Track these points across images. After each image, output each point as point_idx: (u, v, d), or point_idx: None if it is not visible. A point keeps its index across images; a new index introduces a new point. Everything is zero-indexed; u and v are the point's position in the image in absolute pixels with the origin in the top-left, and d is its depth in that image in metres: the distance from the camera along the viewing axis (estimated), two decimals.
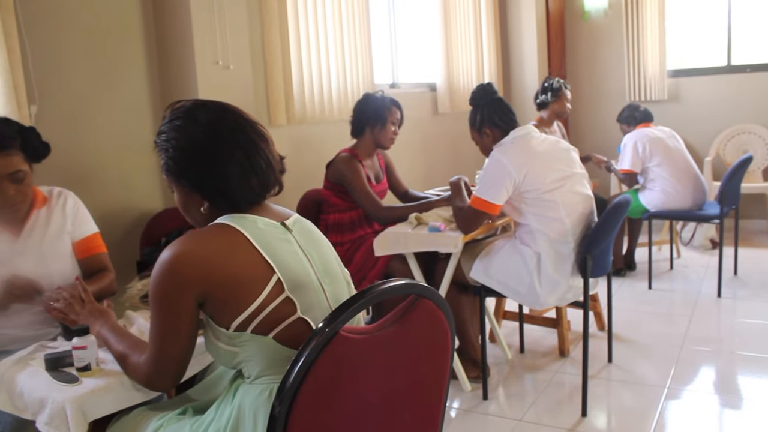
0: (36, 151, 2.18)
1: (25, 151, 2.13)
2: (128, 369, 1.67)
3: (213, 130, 1.55)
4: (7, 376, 1.79)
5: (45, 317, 2.18)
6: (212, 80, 3.54)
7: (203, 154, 1.53)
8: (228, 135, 1.56)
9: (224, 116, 1.59)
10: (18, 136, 2.12)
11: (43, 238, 2.23)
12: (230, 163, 1.53)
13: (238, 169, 1.54)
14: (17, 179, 2.11)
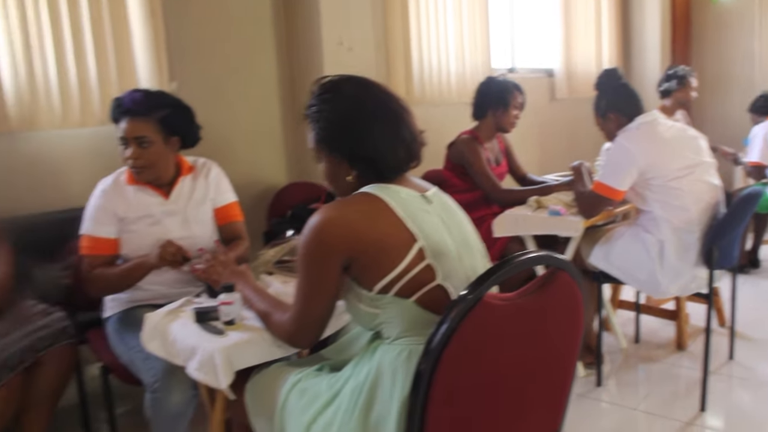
0: (174, 127, 2.36)
1: (163, 123, 2.32)
2: (270, 326, 1.79)
3: (361, 101, 1.63)
4: (161, 326, 1.95)
5: (187, 277, 2.35)
6: (336, 61, 3.65)
7: (354, 125, 1.61)
8: (375, 107, 1.63)
9: (371, 89, 1.67)
10: (159, 109, 2.31)
11: (188, 203, 2.41)
12: (379, 134, 1.61)
13: (385, 139, 1.61)
14: (142, 144, 2.31)
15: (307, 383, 1.69)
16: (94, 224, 2.33)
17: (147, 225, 2.35)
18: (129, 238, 2.35)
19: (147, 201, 2.37)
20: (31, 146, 3.07)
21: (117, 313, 2.37)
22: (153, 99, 2.34)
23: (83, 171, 3.19)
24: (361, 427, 1.52)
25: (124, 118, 2.30)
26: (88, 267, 2.31)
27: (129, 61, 3.21)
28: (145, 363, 2.12)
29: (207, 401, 2.07)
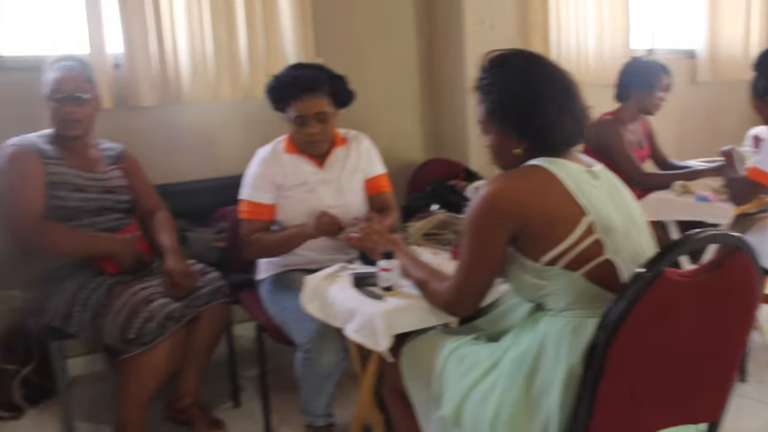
0: (341, 97, 2.44)
1: (333, 95, 2.39)
2: (428, 294, 1.83)
3: (534, 75, 1.63)
4: (320, 289, 2.04)
5: (338, 245, 2.44)
6: (477, 39, 3.64)
7: (526, 98, 1.62)
8: (548, 80, 1.63)
9: (542, 63, 1.67)
10: (328, 82, 2.38)
11: (342, 172, 2.50)
12: (551, 107, 1.61)
13: (558, 112, 1.61)
14: (322, 119, 2.38)
15: (466, 350, 1.72)
16: (253, 190, 2.46)
17: (303, 192, 2.45)
18: (285, 204, 2.46)
19: (303, 169, 2.47)
20: (188, 118, 3.27)
21: (271, 275, 2.49)
22: (323, 73, 2.42)
23: (233, 142, 3.37)
24: (524, 396, 1.54)
25: (303, 96, 2.35)
26: (247, 231, 2.44)
27: (277, 37, 3.34)
28: (298, 324, 2.23)
29: (357, 364, 2.16)
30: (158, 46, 3.07)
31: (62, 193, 2.44)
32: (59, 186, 2.44)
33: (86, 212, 2.47)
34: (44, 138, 2.51)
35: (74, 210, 2.45)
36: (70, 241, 2.41)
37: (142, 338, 2.29)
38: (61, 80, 2.43)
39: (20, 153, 2.42)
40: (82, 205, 2.46)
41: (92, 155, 2.59)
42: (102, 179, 2.56)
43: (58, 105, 2.43)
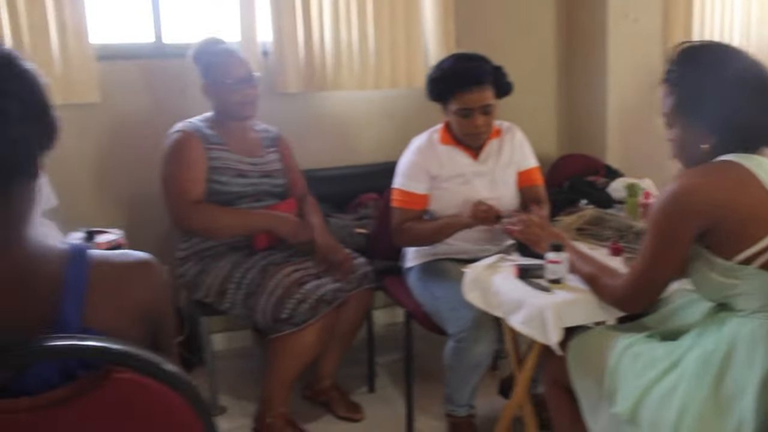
0: (503, 88, 2.42)
1: (496, 87, 2.38)
2: (598, 288, 1.80)
3: (728, 68, 1.58)
4: (482, 278, 2.04)
5: (488, 236, 2.43)
6: (620, 33, 3.54)
7: (719, 91, 1.56)
8: (742, 74, 1.57)
9: (736, 56, 1.61)
10: (492, 73, 2.37)
11: (496, 165, 2.49)
12: (746, 101, 1.55)
13: (753, 107, 1.55)
14: (487, 111, 2.37)
15: (641, 348, 1.68)
16: (407, 180, 2.46)
17: (457, 184, 2.44)
18: (439, 195, 2.46)
19: (459, 161, 2.46)
20: (331, 106, 3.33)
21: (420, 264, 2.51)
22: (487, 65, 2.39)
23: (372, 131, 3.41)
24: (713, 396, 1.49)
25: (470, 88, 2.32)
26: (399, 220, 2.46)
27: (418, 28, 3.35)
28: (452, 313, 2.23)
29: (513, 356, 2.15)
30: (305, 35, 3.14)
31: (224, 178, 2.52)
32: (222, 171, 2.52)
33: (245, 197, 2.56)
34: (207, 122, 2.60)
35: (235, 195, 2.53)
36: (228, 221, 2.50)
37: (294, 319, 2.36)
38: (231, 64, 2.53)
39: (186, 139, 2.51)
40: (242, 190, 2.55)
41: (251, 138, 2.68)
42: (261, 163, 2.64)
43: (232, 89, 2.51)
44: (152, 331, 1.04)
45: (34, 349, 0.87)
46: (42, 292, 0.95)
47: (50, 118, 1.00)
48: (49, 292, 0.95)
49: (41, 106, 0.98)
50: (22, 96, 0.95)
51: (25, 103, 0.95)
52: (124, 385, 0.90)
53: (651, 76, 3.62)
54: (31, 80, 0.97)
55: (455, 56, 2.44)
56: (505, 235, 2.47)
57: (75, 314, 0.95)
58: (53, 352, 0.88)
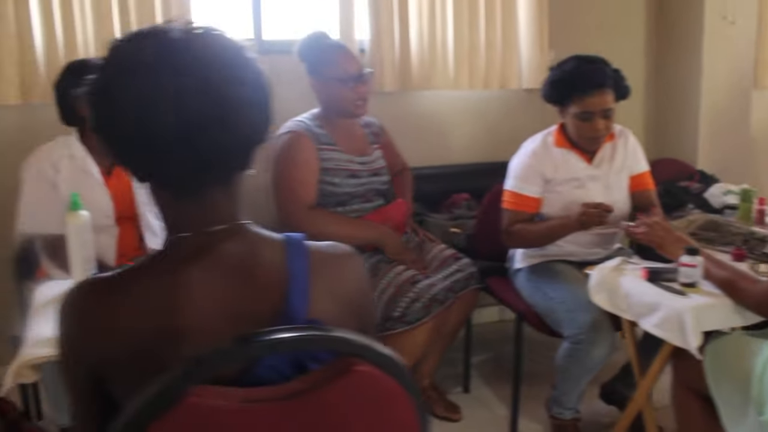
0: (622, 91, 2.39)
1: (615, 90, 2.35)
2: (736, 293, 1.77)
3: None
4: (609, 280, 2.02)
5: (599, 239, 2.41)
6: (716, 35, 3.48)
7: None
8: None
9: None
10: (612, 77, 2.34)
11: (610, 169, 2.46)
12: None
13: None
14: (607, 115, 2.33)
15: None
16: (521, 182, 2.44)
17: (572, 188, 2.41)
18: (552, 199, 2.43)
19: (573, 164, 2.43)
20: (425, 105, 3.34)
21: (530, 265, 2.49)
22: (608, 68, 2.37)
23: (464, 131, 3.41)
24: None
25: (593, 91, 2.29)
26: (510, 222, 2.44)
27: (513, 29, 3.34)
28: (567, 315, 2.22)
29: (634, 361, 2.13)
30: (401, 34, 3.15)
31: (337, 179, 2.51)
32: (334, 172, 2.50)
33: (356, 197, 2.55)
34: (316, 121, 2.55)
35: (346, 195, 2.53)
36: (337, 229, 2.46)
37: (407, 317, 2.36)
38: (344, 61, 2.49)
39: (297, 139, 2.47)
40: (354, 190, 2.54)
41: (359, 135, 2.66)
42: (369, 162, 2.63)
43: (345, 86, 2.47)
44: (359, 324, 1.05)
45: (281, 339, 0.86)
46: (269, 282, 0.96)
47: (271, 108, 1.01)
48: (277, 282, 0.96)
49: (267, 96, 0.99)
50: (254, 85, 0.96)
51: (256, 92, 0.96)
52: (363, 378, 0.90)
53: (745, 79, 3.60)
54: (259, 71, 0.98)
55: (576, 58, 2.41)
56: (614, 238, 2.45)
57: (302, 305, 0.95)
58: (300, 342, 0.88)
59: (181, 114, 0.89)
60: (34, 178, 2.26)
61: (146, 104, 0.90)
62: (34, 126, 2.78)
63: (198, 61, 0.92)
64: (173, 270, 0.94)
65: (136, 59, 0.93)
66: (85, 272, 1.88)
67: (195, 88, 0.90)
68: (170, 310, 0.91)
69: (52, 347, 1.58)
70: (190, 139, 0.90)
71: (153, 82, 0.90)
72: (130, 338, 0.90)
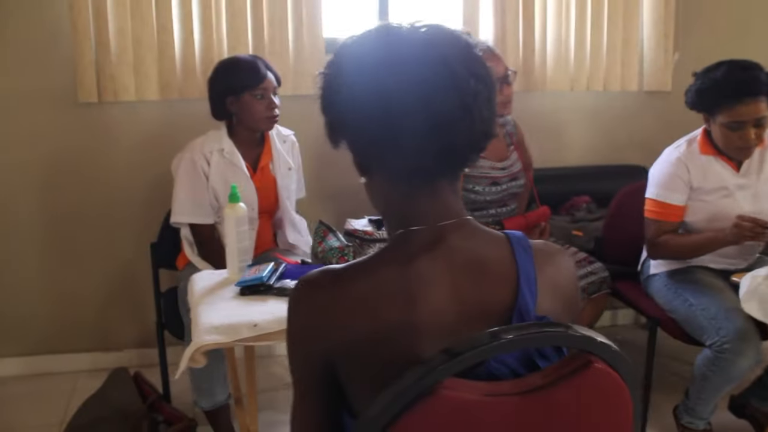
0: None
1: None
2: None
3: None
4: (762, 289, 1.97)
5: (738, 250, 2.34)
6: None
7: None
8: None
9: None
10: (766, 83, 2.24)
11: (759, 178, 2.37)
12: None
13: None
14: (760, 124, 2.24)
15: None
16: (665, 191, 2.37)
17: (719, 197, 2.34)
18: (697, 207, 2.36)
19: (721, 173, 2.35)
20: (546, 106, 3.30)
21: (668, 270, 2.44)
22: (762, 74, 2.26)
23: (581, 132, 3.36)
24: None
25: (746, 100, 2.20)
26: (655, 232, 2.38)
27: (635, 31, 3.27)
28: (711, 322, 2.16)
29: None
30: (524, 34, 3.13)
31: (479, 187, 2.49)
32: (477, 180, 2.48)
33: (494, 203, 2.54)
34: None
35: (486, 203, 2.53)
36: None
37: None
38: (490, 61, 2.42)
39: None
40: (494, 198, 2.53)
41: (499, 137, 2.60)
42: (509, 166, 2.60)
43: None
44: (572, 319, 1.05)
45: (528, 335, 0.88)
46: (500, 277, 0.97)
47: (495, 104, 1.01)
48: (507, 277, 0.97)
49: (494, 90, 1.00)
50: (486, 79, 0.98)
51: (487, 86, 0.98)
52: (599, 375, 0.91)
53: None
54: (486, 64, 1.00)
55: (727, 64, 2.31)
56: (756, 248, 2.37)
57: (531, 302, 0.96)
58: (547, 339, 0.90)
59: (430, 107, 0.92)
60: (188, 170, 2.35)
61: (393, 98, 0.92)
62: (171, 120, 2.90)
63: (439, 55, 0.94)
64: (409, 262, 0.96)
65: (376, 56, 0.96)
66: (242, 263, 1.95)
67: (441, 82, 0.92)
68: (407, 301, 0.93)
69: (220, 335, 1.65)
70: (436, 131, 0.93)
71: (399, 77, 0.92)
72: (368, 331, 0.93)
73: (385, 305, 0.93)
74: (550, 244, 1.09)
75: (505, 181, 2.57)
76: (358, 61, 0.98)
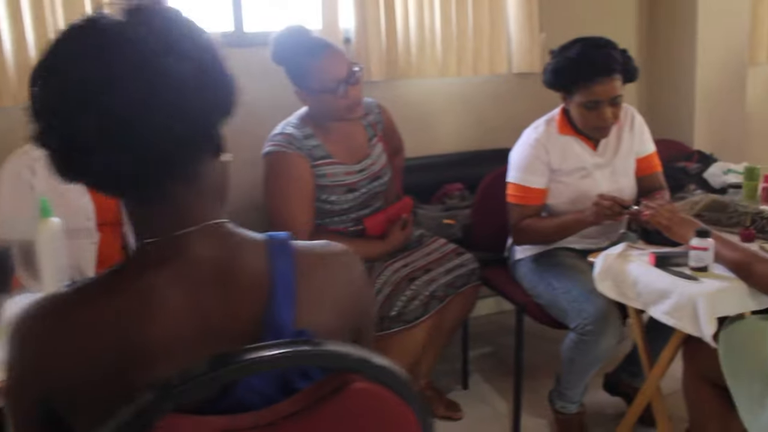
0: (630, 74, 2.24)
1: (624, 74, 2.21)
2: (752, 276, 1.68)
3: None
4: (615, 267, 1.92)
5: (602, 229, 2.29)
6: (710, 11, 3.37)
7: None
8: None
9: None
10: (620, 60, 2.20)
11: (616, 155, 2.34)
12: None
13: None
14: (615, 102, 2.20)
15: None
16: (525, 174, 2.30)
17: (578, 178, 2.29)
18: (557, 189, 2.31)
19: (579, 153, 2.31)
20: (412, 94, 3.22)
21: (532, 255, 2.39)
22: (616, 51, 2.21)
23: (453, 119, 3.30)
24: None
25: (600, 78, 2.14)
26: (518, 217, 2.32)
27: (502, 12, 3.23)
28: (573, 305, 2.12)
29: (643, 351, 2.03)
30: (387, 21, 3.03)
31: (334, 197, 2.30)
32: (331, 189, 2.29)
33: (354, 207, 2.37)
34: (305, 128, 2.28)
35: (343, 211, 2.35)
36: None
37: (405, 316, 2.25)
38: (331, 65, 2.18)
39: (287, 162, 2.22)
40: (352, 205, 2.35)
41: (357, 134, 2.42)
42: (370, 165, 2.40)
43: (339, 93, 2.18)
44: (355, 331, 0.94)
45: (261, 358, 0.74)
46: (250, 289, 0.85)
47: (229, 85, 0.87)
48: (258, 289, 0.85)
49: (219, 71, 0.86)
50: (200, 59, 0.82)
51: (204, 67, 0.82)
52: (360, 396, 0.79)
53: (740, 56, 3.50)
54: (207, 44, 0.84)
55: (581, 42, 2.24)
56: (619, 225, 2.34)
57: (287, 314, 0.84)
58: (283, 359, 0.76)
59: (117, 100, 0.76)
60: (9, 181, 2.13)
61: (71, 100, 0.77)
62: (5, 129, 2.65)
63: (128, 40, 0.78)
64: (138, 281, 0.82)
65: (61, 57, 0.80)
66: (57, 282, 1.76)
67: (127, 69, 0.77)
68: (137, 326, 0.80)
69: None
70: (132, 128, 0.77)
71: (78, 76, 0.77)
72: (92, 362, 0.79)
73: (112, 333, 0.80)
74: (330, 244, 0.96)
75: (365, 185, 2.36)
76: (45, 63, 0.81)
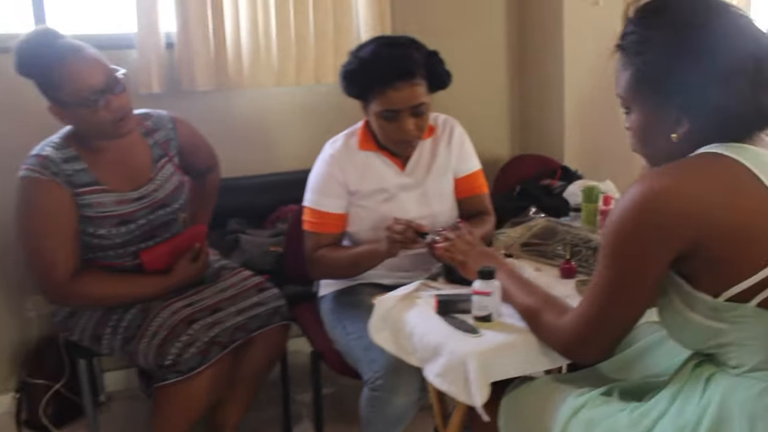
0: (438, 79, 1.92)
1: (429, 79, 1.89)
2: (539, 328, 1.37)
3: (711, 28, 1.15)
4: (394, 314, 1.58)
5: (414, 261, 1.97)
6: (578, 17, 3.14)
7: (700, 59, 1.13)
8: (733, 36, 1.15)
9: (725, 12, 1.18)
10: (425, 63, 1.88)
11: (428, 175, 2.03)
12: (736, 73, 1.12)
13: (746, 81, 1.12)
14: (418, 113, 1.88)
15: (595, 413, 1.25)
16: (319, 196, 1.99)
17: (379, 201, 1.98)
18: (356, 215, 2.00)
19: (381, 171, 1.99)
20: (246, 105, 2.89)
21: (333, 291, 2.05)
22: (419, 52, 1.89)
23: (295, 133, 2.98)
24: None
25: (396, 84, 1.82)
26: (312, 246, 1.99)
27: (348, 14, 2.92)
28: (366, 354, 1.79)
29: (437, 414, 1.71)
30: (215, 24, 2.68)
31: (103, 230, 1.95)
32: (98, 222, 1.94)
33: (132, 241, 2.01)
34: (68, 149, 1.92)
35: (118, 245, 1.99)
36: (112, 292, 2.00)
37: (180, 365, 1.88)
38: (82, 73, 1.82)
39: (40, 192, 1.87)
40: (128, 238, 2.00)
41: (136, 155, 2.05)
42: (151, 191, 2.04)
43: (97, 105, 1.84)
44: None
45: None
46: None
47: None
48: None
49: None
50: None
51: None
52: None
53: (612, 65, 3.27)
54: None
55: (377, 41, 1.93)
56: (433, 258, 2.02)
57: None
58: None
59: None
60: None
61: None
62: None
63: None
64: None
65: None
66: None
67: None
68: None
69: None
70: None
71: None
72: None
73: None
74: None
75: (143, 215, 2.01)
76: None
